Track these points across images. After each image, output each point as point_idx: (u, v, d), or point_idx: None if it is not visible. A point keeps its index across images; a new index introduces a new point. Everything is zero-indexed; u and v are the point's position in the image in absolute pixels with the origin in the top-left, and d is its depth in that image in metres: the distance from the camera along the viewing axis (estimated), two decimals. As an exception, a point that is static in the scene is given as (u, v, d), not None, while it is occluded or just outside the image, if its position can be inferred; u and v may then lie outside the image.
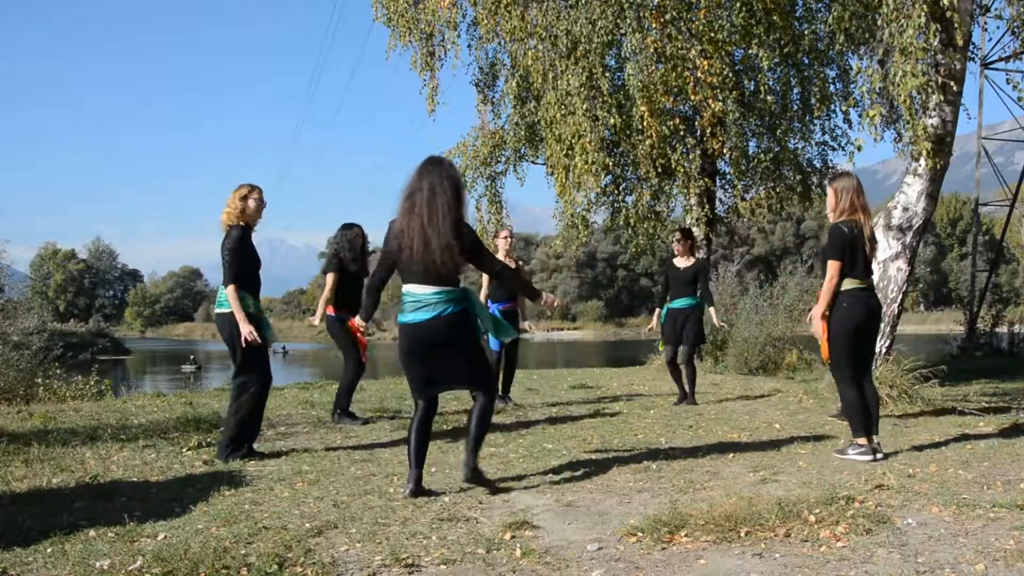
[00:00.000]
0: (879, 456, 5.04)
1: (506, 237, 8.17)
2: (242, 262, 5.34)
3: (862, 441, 5.08)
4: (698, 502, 3.94)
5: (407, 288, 4.27)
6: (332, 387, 8.89)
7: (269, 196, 5.59)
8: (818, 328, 5.24)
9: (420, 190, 4.20)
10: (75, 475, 4.85)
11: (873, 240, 5.28)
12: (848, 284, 5.15)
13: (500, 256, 7.78)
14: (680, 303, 8.00)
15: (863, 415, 5.11)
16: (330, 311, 7.05)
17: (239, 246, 5.33)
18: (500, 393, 7.77)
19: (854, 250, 5.14)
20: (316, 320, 7.33)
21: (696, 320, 7.99)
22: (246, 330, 5.24)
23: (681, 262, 8.10)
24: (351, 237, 7.10)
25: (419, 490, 4.29)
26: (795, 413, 7.31)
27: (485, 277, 7.78)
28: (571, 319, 77.97)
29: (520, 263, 8.13)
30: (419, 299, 4.23)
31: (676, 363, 8.07)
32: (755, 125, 11.91)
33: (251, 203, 5.43)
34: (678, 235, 8.18)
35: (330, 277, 7.03)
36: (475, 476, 4.36)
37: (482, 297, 7.83)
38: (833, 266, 5.10)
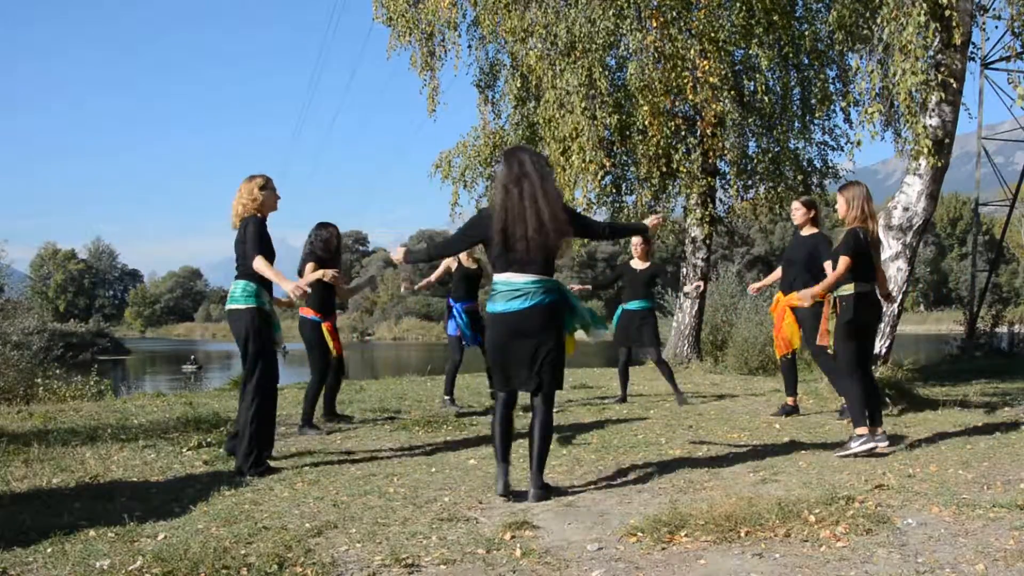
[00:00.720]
0: (883, 444, 5.15)
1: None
2: (264, 250, 5.02)
3: (862, 431, 5.19)
4: (698, 502, 3.94)
5: (505, 277, 4.26)
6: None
7: None
8: (806, 298, 5.52)
9: (527, 176, 4.22)
10: (75, 475, 4.85)
11: (879, 245, 5.45)
12: (858, 287, 5.33)
13: (463, 255, 7.69)
14: (635, 305, 8.10)
15: (863, 405, 5.27)
16: (305, 312, 6.64)
17: (262, 231, 5.05)
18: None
19: (865, 255, 5.34)
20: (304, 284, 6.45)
21: (652, 323, 8.12)
22: (290, 287, 4.97)
23: (638, 264, 8.19)
24: (326, 237, 6.71)
25: (508, 488, 4.23)
26: (795, 413, 7.30)
27: (439, 271, 7.80)
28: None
29: (481, 262, 7.99)
30: (518, 287, 4.23)
31: (628, 366, 8.36)
32: (755, 125, 11.91)
33: (268, 194, 5.17)
34: (638, 238, 8.18)
35: (310, 266, 6.52)
36: (546, 494, 4.28)
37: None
38: (844, 262, 5.27)
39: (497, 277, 4.31)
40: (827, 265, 6.10)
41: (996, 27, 14.57)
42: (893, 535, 3.40)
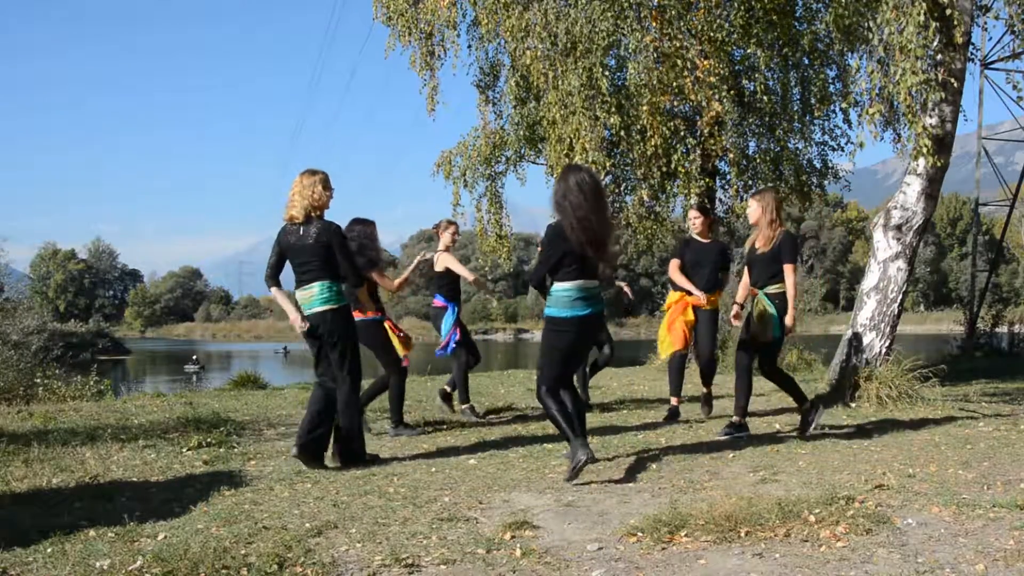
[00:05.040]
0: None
1: (453, 233, 7.65)
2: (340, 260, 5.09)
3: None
4: (698, 502, 3.94)
5: (579, 283, 4.66)
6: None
7: (269, 196, 5.52)
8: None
9: (601, 189, 4.70)
10: (75, 475, 4.84)
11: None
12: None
13: (441, 249, 7.50)
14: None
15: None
16: (363, 315, 6.09)
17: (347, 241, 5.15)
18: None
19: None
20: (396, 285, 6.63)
21: (603, 325, 8.17)
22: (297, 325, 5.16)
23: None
24: (370, 232, 6.43)
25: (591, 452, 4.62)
26: (795, 413, 7.30)
27: (451, 277, 7.49)
28: (571, 319, 77.79)
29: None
30: (592, 292, 4.69)
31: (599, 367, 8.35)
32: (755, 125, 11.90)
33: (330, 192, 5.13)
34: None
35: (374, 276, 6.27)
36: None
37: None
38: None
39: (572, 283, 4.64)
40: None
41: (995, 27, 14.55)
42: (893, 535, 3.40)
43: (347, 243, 5.09)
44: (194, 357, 37.92)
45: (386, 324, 6.41)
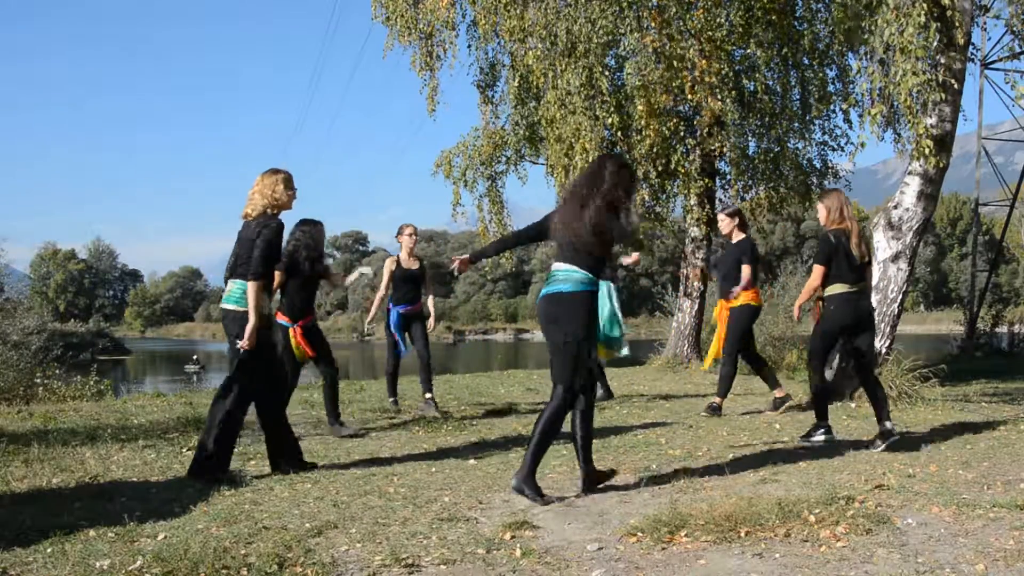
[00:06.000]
0: (878, 446, 5.40)
1: (411, 234, 7.64)
2: (272, 258, 4.81)
3: (823, 424, 5.73)
4: (698, 502, 3.94)
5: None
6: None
7: None
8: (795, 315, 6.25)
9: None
10: (75, 475, 4.84)
11: (862, 247, 5.66)
12: (836, 288, 5.59)
13: (403, 254, 7.50)
14: None
15: (824, 401, 5.80)
16: (282, 318, 6.19)
17: (278, 239, 4.80)
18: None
19: (840, 257, 5.58)
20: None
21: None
22: (248, 334, 4.68)
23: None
24: (314, 233, 6.28)
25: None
26: (795, 413, 7.30)
27: (385, 279, 7.47)
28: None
29: (423, 261, 7.80)
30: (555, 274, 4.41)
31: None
32: (755, 125, 11.91)
33: (289, 193, 4.92)
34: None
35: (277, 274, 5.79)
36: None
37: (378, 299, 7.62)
38: (817, 270, 5.60)
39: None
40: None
41: (995, 27, 14.55)
42: (893, 535, 3.40)
43: (267, 237, 4.74)
44: (194, 357, 37.94)
45: (291, 331, 6.21)
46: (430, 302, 7.70)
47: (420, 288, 7.57)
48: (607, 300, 5.86)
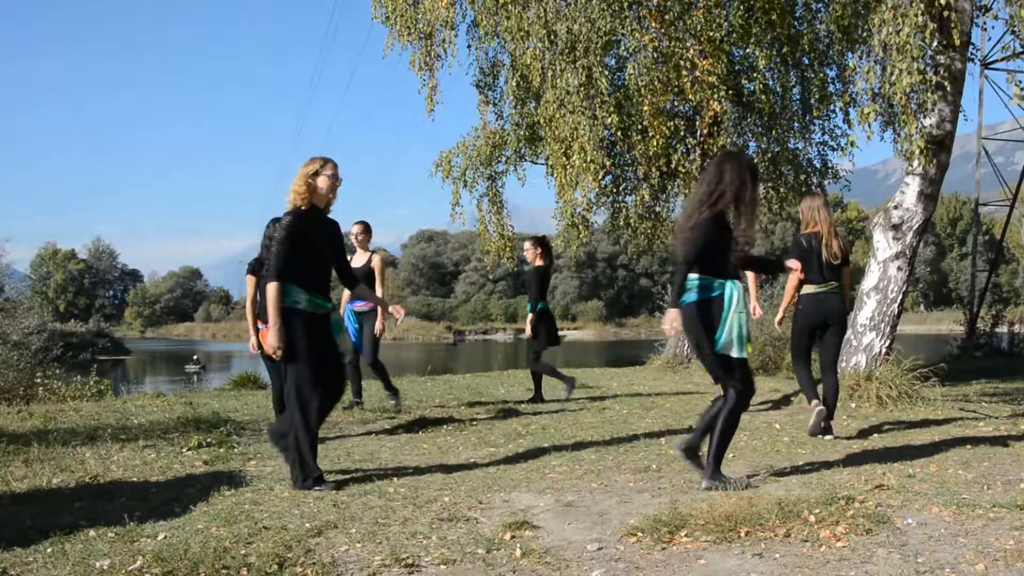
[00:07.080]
0: (828, 437, 5.88)
1: (359, 233, 7.67)
2: (294, 251, 4.53)
3: (813, 405, 5.97)
4: (698, 502, 3.94)
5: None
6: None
7: (270, 196, 5.29)
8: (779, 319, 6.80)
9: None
10: (75, 475, 4.85)
11: (834, 248, 6.05)
12: (805, 289, 6.09)
13: (360, 252, 7.58)
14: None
15: (812, 384, 6.13)
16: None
17: (289, 232, 4.53)
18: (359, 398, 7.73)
19: (811, 259, 5.97)
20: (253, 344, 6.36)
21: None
22: (271, 336, 4.46)
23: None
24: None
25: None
26: (795, 413, 7.30)
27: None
28: (571, 319, 77.93)
29: (382, 254, 7.85)
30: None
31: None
32: (754, 125, 11.91)
33: (321, 180, 4.63)
34: (531, 242, 8.52)
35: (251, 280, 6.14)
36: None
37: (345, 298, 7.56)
38: (792, 274, 5.81)
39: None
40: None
41: (995, 27, 14.54)
42: (893, 535, 3.40)
43: (277, 236, 4.62)
44: (194, 357, 37.91)
45: (261, 332, 6.09)
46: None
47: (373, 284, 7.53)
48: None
